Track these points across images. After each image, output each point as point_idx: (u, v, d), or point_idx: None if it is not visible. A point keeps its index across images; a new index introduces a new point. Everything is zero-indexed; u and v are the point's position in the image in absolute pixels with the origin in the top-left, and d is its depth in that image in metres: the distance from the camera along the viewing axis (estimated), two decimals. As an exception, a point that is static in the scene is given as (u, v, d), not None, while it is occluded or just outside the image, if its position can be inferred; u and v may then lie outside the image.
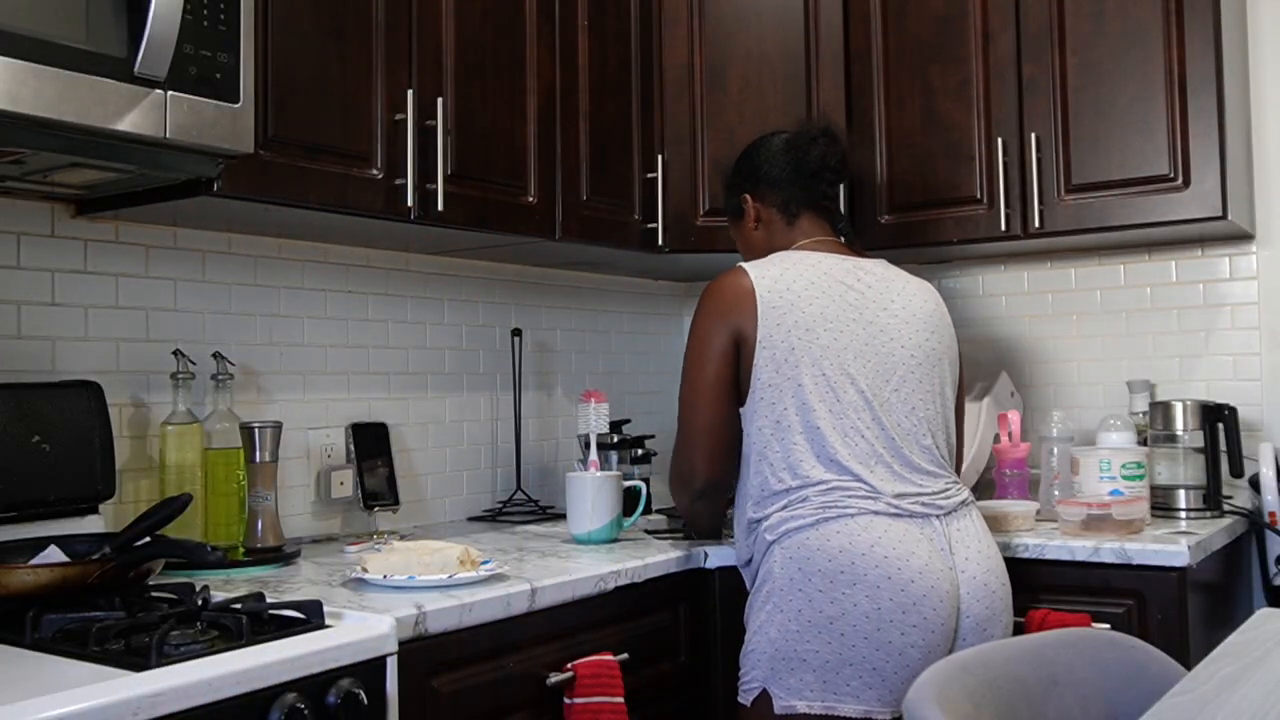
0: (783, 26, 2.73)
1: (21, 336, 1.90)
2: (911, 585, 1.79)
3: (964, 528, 1.90)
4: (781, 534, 1.87)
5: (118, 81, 1.54)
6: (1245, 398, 2.66)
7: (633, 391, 3.17)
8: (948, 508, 1.90)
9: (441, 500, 2.63)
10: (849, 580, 1.80)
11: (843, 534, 1.82)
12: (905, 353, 1.97)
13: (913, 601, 1.79)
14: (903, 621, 1.78)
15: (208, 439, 2.02)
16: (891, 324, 1.98)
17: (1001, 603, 1.90)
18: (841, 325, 1.94)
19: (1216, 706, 1.14)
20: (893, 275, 2.06)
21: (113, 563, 1.58)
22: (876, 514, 1.84)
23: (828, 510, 1.84)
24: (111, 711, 1.16)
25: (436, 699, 1.60)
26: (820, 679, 1.80)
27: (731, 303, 1.96)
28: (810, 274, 1.98)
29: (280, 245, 2.31)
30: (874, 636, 1.78)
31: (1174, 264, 2.79)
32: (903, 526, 1.84)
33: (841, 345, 1.92)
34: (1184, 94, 2.40)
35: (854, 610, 1.79)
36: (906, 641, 1.78)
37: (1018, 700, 1.38)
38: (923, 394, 1.97)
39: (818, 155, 2.12)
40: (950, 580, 1.83)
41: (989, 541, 1.93)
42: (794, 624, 1.82)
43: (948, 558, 1.86)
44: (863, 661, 1.78)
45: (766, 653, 1.85)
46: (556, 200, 2.40)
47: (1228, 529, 2.28)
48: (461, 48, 2.19)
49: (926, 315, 2.02)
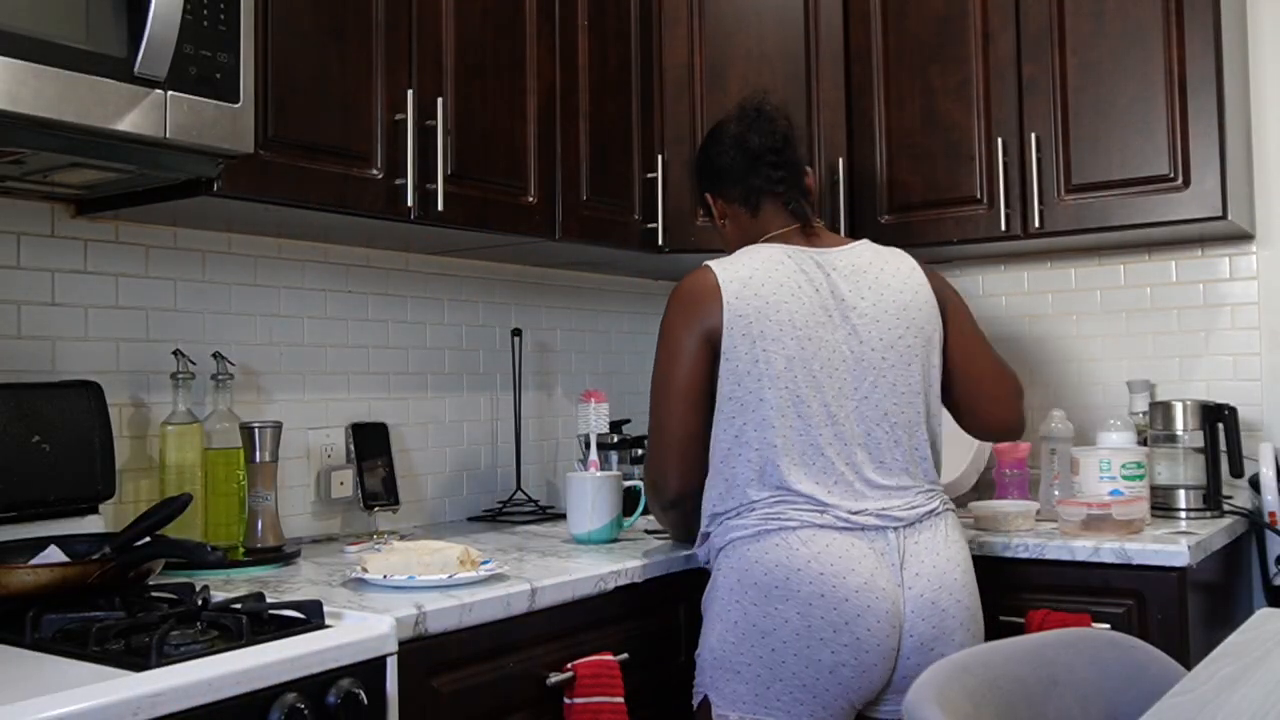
0: (783, 26, 2.73)
1: (21, 336, 1.90)
2: (845, 604, 1.74)
3: (923, 540, 1.83)
4: (727, 542, 1.86)
5: (118, 81, 1.54)
6: (1245, 398, 2.66)
7: (633, 391, 3.17)
8: (909, 519, 1.83)
9: (441, 500, 2.63)
10: (782, 595, 1.77)
11: (781, 547, 1.78)
12: (877, 355, 1.88)
13: (845, 620, 1.74)
14: (833, 640, 1.74)
15: (208, 439, 2.02)
16: (861, 324, 1.89)
17: (955, 620, 1.81)
18: (810, 331, 1.86)
19: (1216, 706, 1.14)
20: (866, 262, 1.95)
21: (113, 563, 1.58)
22: (821, 527, 1.79)
23: (769, 522, 1.81)
24: (111, 711, 1.16)
25: (436, 699, 1.60)
26: (753, 691, 1.78)
27: (700, 305, 1.89)
28: (779, 273, 1.89)
29: (280, 245, 2.31)
30: (803, 653, 1.75)
31: (1174, 264, 2.79)
32: (847, 541, 1.78)
33: (809, 354, 1.85)
34: (1184, 94, 2.40)
35: (785, 626, 1.76)
36: (837, 660, 1.74)
37: (1018, 700, 1.38)
38: (897, 397, 1.89)
39: (756, 139, 2.01)
40: (892, 598, 1.77)
41: (950, 554, 1.84)
42: (730, 635, 1.81)
43: (895, 574, 1.79)
44: (793, 677, 1.76)
45: (708, 660, 1.84)
46: (556, 200, 2.40)
47: (1228, 529, 2.28)
48: (461, 48, 2.19)
49: (900, 308, 1.91)
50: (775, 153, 2.01)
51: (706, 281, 1.90)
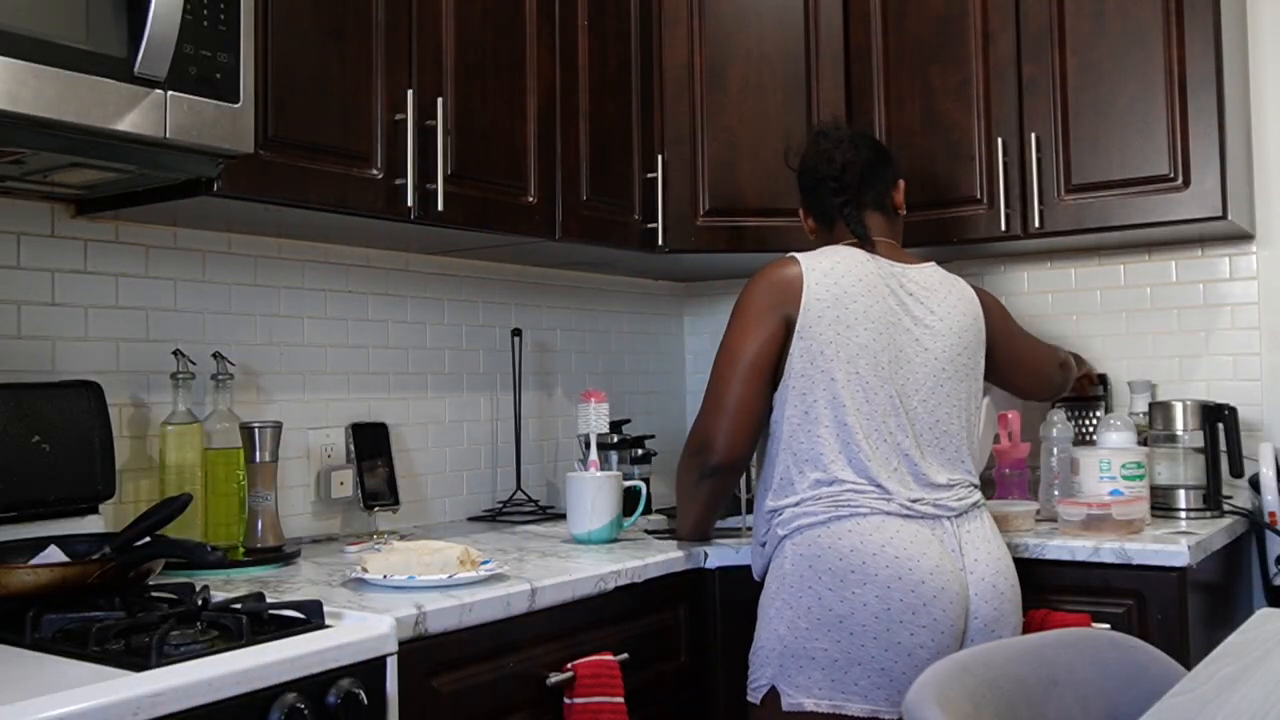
0: (783, 26, 2.73)
1: (21, 336, 1.90)
2: (922, 586, 1.80)
3: (974, 529, 1.92)
4: (794, 529, 1.88)
5: (118, 81, 1.54)
6: (1245, 398, 2.66)
7: (633, 391, 3.17)
8: (959, 509, 1.91)
9: (441, 500, 2.63)
10: (859, 580, 1.80)
11: (854, 533, 1.83)
12: (937, 365, 1.99)
13: (923, 602, 1.79)
14: (912, 622, 1.79)
15: (208, 439, 2.02)
16: (926, 336, 1.99)
17: (1010, 604, 1.90)
18: (882, 327, 1.95)
19: (1216, 706, 1.14)
20: (936, 282, 2.07)
21: (113, 563, 1.58)
22: (889, 514, 1.85)
23: (840, 509, 1.85)
24: (111, 711, 1.16)
25: (436, 699, 1.60)
26: (829, 677, 1.80)
27: (783, 287, 1.96)
28: (859, 270, 1.98)
29: (280, 245, 2.31)
30: (883, 636, 1.79)
31: (1174, 264, 2.79)
32: (914, 527, 1.85)
33: (880, 347, 1.94)
34: (1184, 94, 2.40)
35: (863, 610, 1.79)
36: (915, 642, 1.79)
37: (1018, 700, 1.38)
38: (949, 406, 1.99)
39: (823, 167, 2.11)
40: (960, 581, 1.84)
41: (999, 543, 1.94)
42: (803, 621, 1.83)
43: (958, 559, 1.87)
44: (871, 661, 1.79)
45: (775, 649, 1.85)
46: (556, 200, 2.40)
47: (1228, 529, 2.28)
48: (461, 48, 2.19)
49: (961, 330, 2.03)
50: (835, 179, 2.10)
51: (791, 267, 1.99)
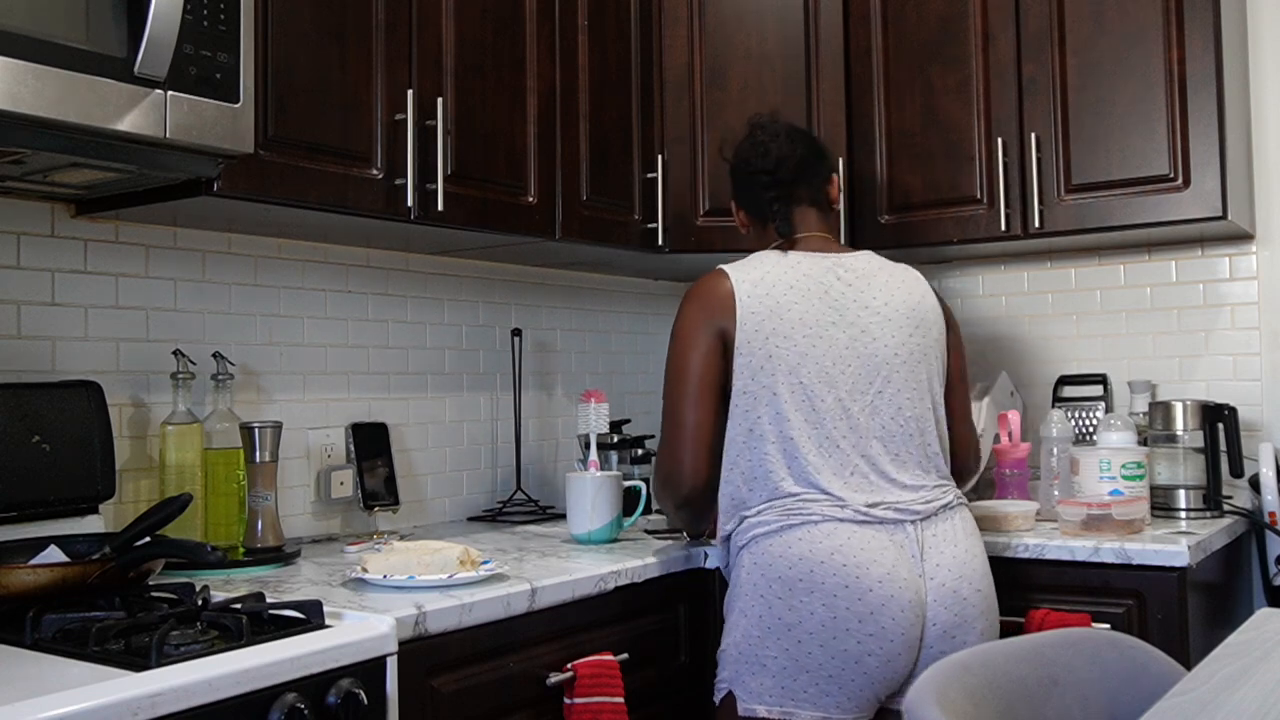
0: (783, 26, 2.73)
1: (21, 336, 1.90)
2: (869, 594, 1.78)
3: (940, 532, 1.87)
4: (749, 539, 1.88)
5: (118, 81, 1.54)
6: (1245, 398, 2.66)
7: (633, 391, 3.17)
8: (925, 512, 1.87)
9: (441, 500, 2.63)
10: (806, 588, 1.80)
11: (804, 541, 1.82)
12: (889, 351, 1.94)
13: (869, 610, 1.78)
14: (859, 630, 1.78)
15: (208, 439, 2.02)
16: (874, 323, 1.95)
17: (975, 609, 1.86)
18: (821, 329, 1.92)
19: (1216, 706, 1.14)
20: (875, 268, 2.02)
21: (113, 563, 1.58)
22: (841, 521, 1.83)
23: (791, 517, 1.84)
24: (111, 711, 1.16)
25: (436, 699, 1.60)
26: (779, 684, 1.81)
27: (715, 303, 1.95)
28: (790, 275, 1.96)
29: (280, 245, 2.31)
30: (829, 645, 1.78)
31: (1174, 264, 2.79)
32: (868, 534, 1.82)
33: (821, 351, 1.91)
34: (1184, 94, 2.40)
35: (810, 618, 1.79)
36: (863, 650, 1.78)
37: (1018, 700, 1.38)
38: (909, 393, 1.94)
39: (755, 160, 2.09)
40: (914, 588, 1.81)
41: (968, 545, 1.90)
42: (755, 629, 1.83)
43: (916, 565, 1.83)
44: (819, 669, 1.79)
45: (732, 655, 1.87)
46: (556, 200, 2.39)
47: (1228, 529, 2.28)
48: (461, 47, 2.19)
49: (909, 309, 1.98)
50: (767, 173, 2.08)
51: (721, 282, 1.97)
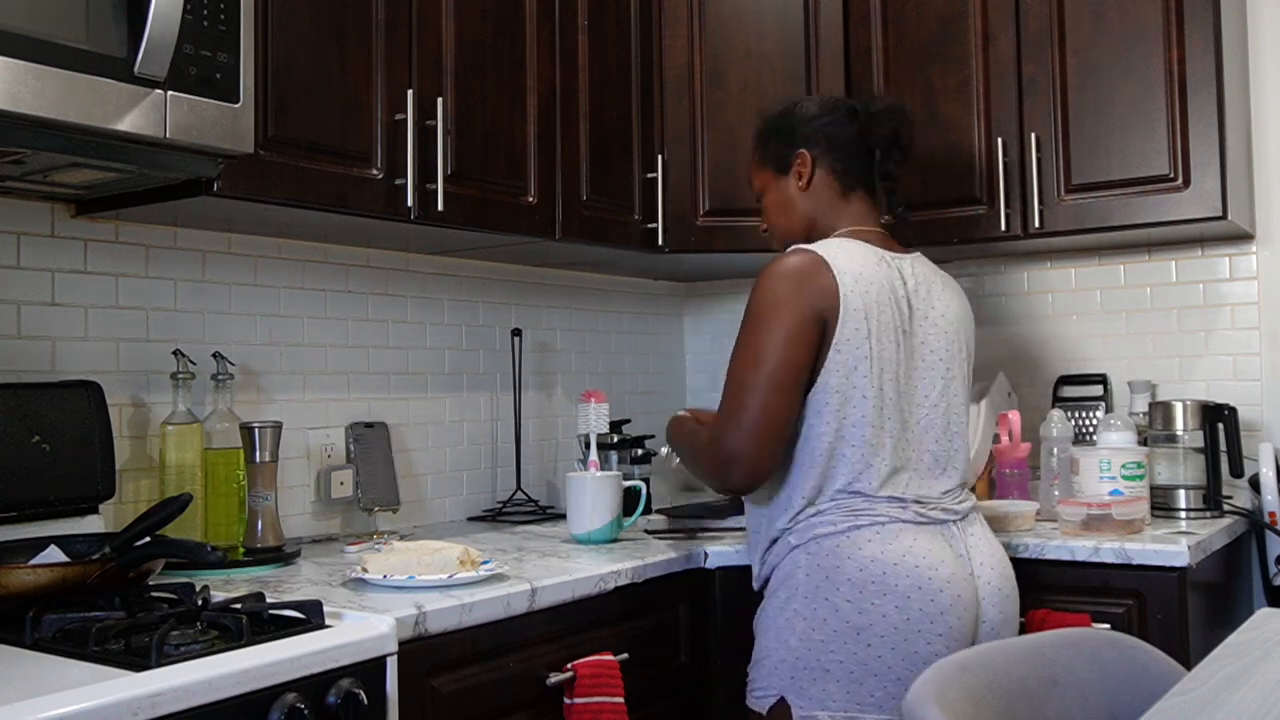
0: (783, 26, 2.73)
1: (21, 336, 1.90)
2: (940, 594, 1.77)
3: (976, 532, 1.90)
4: (809, 539, 1.82)
5: (118, 81, 1.54)
6: (1245, 398, 2.66)
7: (633, 391, 3.17)
8: (962, 513, 1.89)
9: (441, 500, 2.63)
10: (879, 590, 1.76)
11: (874, 542, 1.79)
12: (942, 365, 1.93)
13: (940, 610, 1.77)
14: (930, 630, 1.76)
15: (208, 439, 2.02)
16: (931, 334, 1.92)
17: (1013, 606, 1.90)
18: (898, 338, 1.87)
19: (1216, 706, 1.14)
20: (932, 275, 1.98)
21: (113, 563, 1.58)
22: (905, 523, 1.81)
23: (859, 517, 1.80)
24: (111, 711, 1.16)
25: (436, 699, 1.60)
26: (844, 689, 1.76)
27: (818, 291, 1.81)
28: (874, 273, 1.86)
29: (280, 245, 2.31)
30: (900, 646, 1.76)
31: (1174, 264, 2.79)
32: (929, 535, 1.82)
33: (899, 358, 1.87)
34: (1184, 94, 2.40)
35: (882, 620, 1.76)
36: (932, 650, 1.75)
37: (1018, 700, 1.38)
38: (953, 403, 1.94)
39: (889, 129, 1.97)
40: (971, 587, 1.82)
41: (998, 545, 1.93)
42: (818, 633, 1.78)
43: (967, 564, 1.84)
44: (888, 671, 1.75)
45: (786, 660, 1.80)
46: (556, 200, 2.39)
47: (1228, 529, 2.28)
48: (461, 47, 2.19)
49: (958, 321, 1.97)
50: (903, 151, 2.00)
51: (818, 263, 1.83)
